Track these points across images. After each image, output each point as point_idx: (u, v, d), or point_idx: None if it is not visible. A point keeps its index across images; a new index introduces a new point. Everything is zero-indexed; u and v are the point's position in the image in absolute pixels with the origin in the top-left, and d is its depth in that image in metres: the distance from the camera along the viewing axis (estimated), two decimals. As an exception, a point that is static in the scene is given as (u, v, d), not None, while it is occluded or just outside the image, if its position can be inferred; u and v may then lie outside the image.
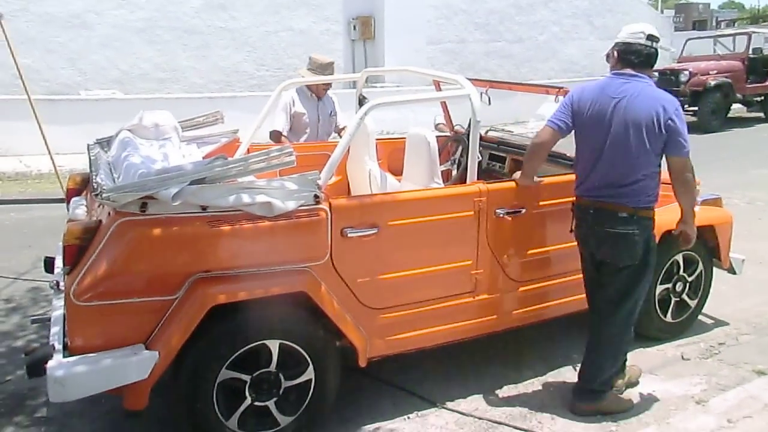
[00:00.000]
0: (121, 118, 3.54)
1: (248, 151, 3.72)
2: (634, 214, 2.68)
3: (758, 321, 3.86)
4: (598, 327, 2.88)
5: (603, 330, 2.85)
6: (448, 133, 4.29)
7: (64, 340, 2.28)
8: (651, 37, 2.69)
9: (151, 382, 2.29)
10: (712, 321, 3.84)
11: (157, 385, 2.33)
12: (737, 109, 13.23)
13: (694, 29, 23.39)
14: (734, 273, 3.73)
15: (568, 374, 3.26)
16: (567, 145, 3.08)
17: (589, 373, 2.88)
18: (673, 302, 3.52)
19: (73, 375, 2.17)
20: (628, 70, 2.71)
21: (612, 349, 2.86)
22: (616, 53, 2.75)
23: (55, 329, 2.38)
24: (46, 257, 3.09)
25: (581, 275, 3.21)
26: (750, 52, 12.64)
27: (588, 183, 2.78)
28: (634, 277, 2.77)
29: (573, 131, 2.82)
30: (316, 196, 2.50)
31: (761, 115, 13.17)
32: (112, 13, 10.51)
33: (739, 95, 12.41)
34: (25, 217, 6.22)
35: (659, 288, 3.42)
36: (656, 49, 2.72)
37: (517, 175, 3.01)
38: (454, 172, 3.95)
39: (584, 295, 3.25)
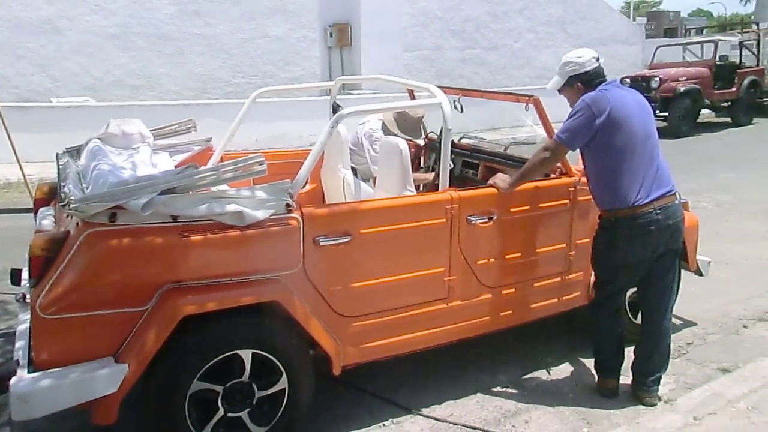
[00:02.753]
0: (93, 126, 3.50)
1: (222, 159, 3.71)
2: (679, 198, 2.94)
3: (724, 320, 3.97)
4: (658, 320, 3.01)
5: (664, 318, 3.00)
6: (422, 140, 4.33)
7: (29, 355, 2.23)
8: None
9: (120, 396, 2.25)
10: (681, 322, 3.93)
11: (127, 399, 2.30)
12: (706, 115, 13.59)
13: (665, 36, 23.91)
14: (701, 275, 3.82)
15: (542, 378, 3.30)
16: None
17: (657, 362, 3.03)
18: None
19: (38, 391, 2.12)
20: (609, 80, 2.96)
21: (669, 332, 3.07)
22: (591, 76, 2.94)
23: (20, 343, 2.33)
24: (13, 269, 3.01)
25: (553, 279, 3.28)
26: (717, 59, 13.01)
27: (642, 190, 2.80)
28: (678, 253, 3.05)
29: (587, 146, 2.87)
30: (287, 205, 2.49)
31: (728, 120, 13.55)
32: (85, 18, 10.37)
33: (707, 101, 12.76)
34: (-8, 227, 6.08)
35: (629, 291, 3.48)
36: None
37: (498, 180, 3.04)
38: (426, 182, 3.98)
39: (556, 300, 3.33)
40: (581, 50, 3.00)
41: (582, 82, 2.93)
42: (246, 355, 2.48)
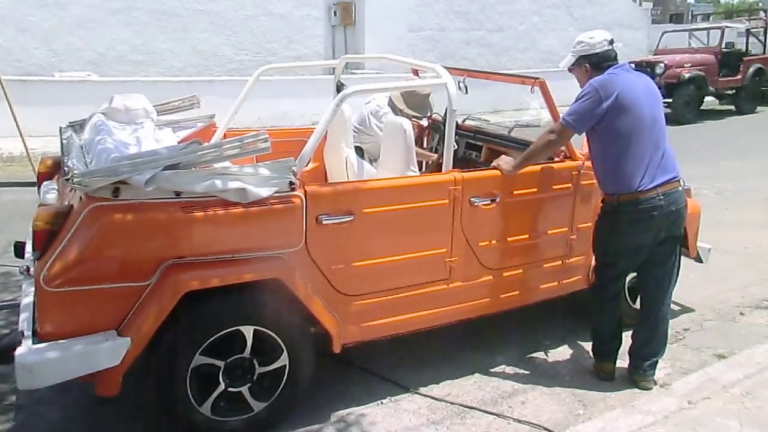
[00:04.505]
0: (96, 101, 3.48)
1: (225, 136, 3.70)
2: (682, 185, 2.93)
3: (721, 307, 4.00)
4: (657, 305, 3.02)
5: (663, 303, 3.02)
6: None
7: (33, 327, 2.26)
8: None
9: (123, 369, 2.28)
10: (679, 308, 3.96)
11: (130, 372, 2.32)
12: (710, 102, 13.47)
13: (671, 22, 23.65)
14: (701, 262, 3.83)
15: (540, 360, 3.34)
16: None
17: (655, 347, 3.05)
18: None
19: (42, 362, 2.15)
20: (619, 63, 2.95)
21: (667, 317, 3.10)
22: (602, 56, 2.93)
23: (25, 315, 2.35)
24: (17, 242, 3.03)
25: (554, 263, 3.29)
26: (723, 46, 12.89)
27: (646, 175, 2.79)
28: (679, 240, 3.05)
29: (591, 130, 2.86)
30: (291, 183, 2.49)
31: (732, 108, 13.46)
32: (87, -8, 10.25)
33: (711, 88, 12.65)
34: (-5, 201, 6.09)
35: (629, 276, 3.49)
36: None
37: (501, 162, 3.03)
38: (431, 161, 3.98)
39: (556, 283, 3.35)
40: (595, 31, 2.99)
41: (590, 63, 2.92)
42: (247, 331, 2.50)
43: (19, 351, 2.15)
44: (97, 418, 2.74)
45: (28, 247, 2.82)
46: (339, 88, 4.01)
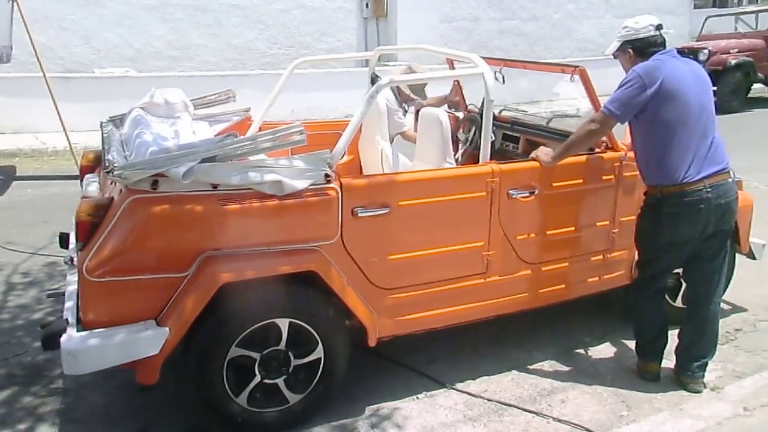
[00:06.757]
0: (134, 96, 3.54)
1: (260, 129, 3.71)
2: (733, 176, 2.79)
3: (777, 307, 3.80)
4: (704, 304, 2.89)
5: (711, 301, 2.87)
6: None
7: (77, 315, 2.32)
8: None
9: (162, 358, 2.31)
10: (730, 307, 3.78)
11: (169, 361, 2.36)
12: (758, 89, 12.88)
13: (714, 6, 22.77)
14: (754, 258, 3.65)
15: (580, 358, 3.25)
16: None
17: (704, 347, 2.91)
18: (684, 287, 3.46)
19: (86, 349, 2.20)
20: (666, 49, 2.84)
21: (717, 317, 2.94)
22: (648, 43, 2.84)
23: (69, 304, 2.42)
24: (61, 233, 3.11)
25: (595, 257, 3.20)
26: (773, 30, 12.32)
27: (692, 166, 2.68)
28: (729, 235, 2.88)
29: (635, 118, 2.76)
30: (326, 175, 2.48)
31: (783, 95, 12.90)
32: (124, -10, 10.46)
33: (760, 75, 12.07)
34: (41, 193, 6.29)
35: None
36: None
37: (540, 153, 2.95)
38: (467, 152, 3.91)
39: (597, 278, 3.25)
40: (642, 16, 2.89)
41: (634, 48, 2.82)
42: (283, 323, 2.50)
43: (64, 338, 2.22)
44: (137, 404, 2.80)
45: (72, 238, 2.89)
46: (374, 80, 3.98)
